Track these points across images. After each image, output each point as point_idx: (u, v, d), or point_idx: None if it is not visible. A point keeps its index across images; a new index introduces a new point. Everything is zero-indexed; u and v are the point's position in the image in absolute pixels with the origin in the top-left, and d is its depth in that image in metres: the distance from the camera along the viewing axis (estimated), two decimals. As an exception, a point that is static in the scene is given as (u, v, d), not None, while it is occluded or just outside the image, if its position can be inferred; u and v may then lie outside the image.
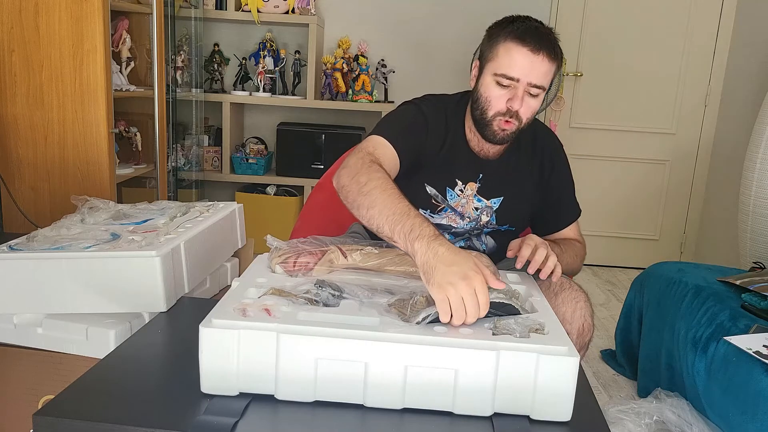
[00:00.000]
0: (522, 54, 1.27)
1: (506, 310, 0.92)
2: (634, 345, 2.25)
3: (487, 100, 1.33)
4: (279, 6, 3.20)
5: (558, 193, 1.51)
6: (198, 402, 0.79)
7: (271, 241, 1.07)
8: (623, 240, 3.67)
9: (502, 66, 1.29)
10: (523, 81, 1.28)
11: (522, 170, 1.47)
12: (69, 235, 1.22)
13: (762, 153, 2.39)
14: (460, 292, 0.88)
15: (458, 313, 0.88)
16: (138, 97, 2.45)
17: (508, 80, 1.28)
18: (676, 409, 1.74)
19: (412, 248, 0.99)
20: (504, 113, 1.31)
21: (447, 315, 0.88)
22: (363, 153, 1.25)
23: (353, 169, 1.19)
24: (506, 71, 1.28)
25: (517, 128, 1.34)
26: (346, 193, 1.17)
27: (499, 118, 1.32)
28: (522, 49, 1.27)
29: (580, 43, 3.49)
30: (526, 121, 1.34)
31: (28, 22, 1.95)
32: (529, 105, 1.32)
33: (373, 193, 1.11)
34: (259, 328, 0.79)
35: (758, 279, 1.91)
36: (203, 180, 3.36)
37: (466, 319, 0.89)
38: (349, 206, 1.16)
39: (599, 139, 3.59)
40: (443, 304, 0.88)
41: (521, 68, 1.27)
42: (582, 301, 1.33)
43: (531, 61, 1.27)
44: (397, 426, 0.78)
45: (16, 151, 2.01)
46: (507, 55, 1.28)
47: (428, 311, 0.89)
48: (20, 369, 1.15)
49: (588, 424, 0.81)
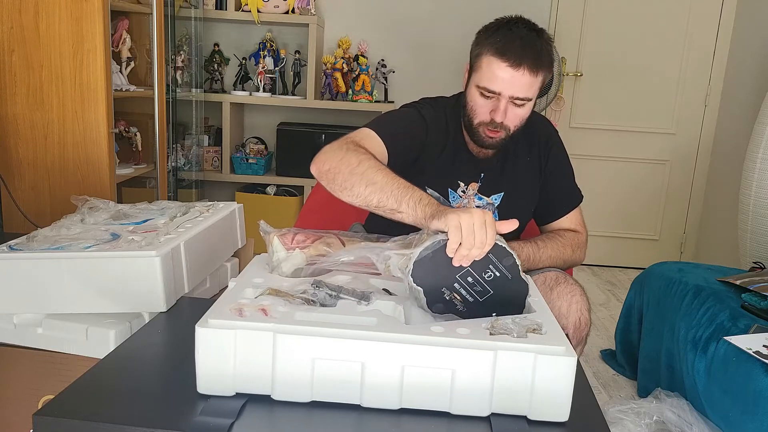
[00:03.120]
0: (501, 69, 1.27)
1: (501, 253, 0.95)
2: (634, 345, 2.25)
3: (472, 109, 1.35)
4: (279, 6, 3.20)
5: (555, 180, 1.50)
6: (195, 402, 0.79)
7: (264, 227, 1.07)
8: (623, 240, 3.67)
9: (483, 79, 1.30)
10: (504, 94, 1.29)
11: (520, 163, 1.47)
12: (69, 235, 1.22)
13: (762, 153, 2.39)
14: (474, 218, 0.93)
15: (468, 240, 0.91)
16: (138, 97, 2.45)
17: (489, 93, 1.30)
18: (676, 409, 1.74)
19: (423, 212, 1.02)
20: (488, 123, 1.33)
21: (457, 242, 0.92)
22: (348, 140, 1.24)
23: (338, 153, 1.18)
24: (487, 85, 1.30)
25: (506, 135, 1.35)
26: (333, 175, 1.16)
27: (484, 127, 1.33)
28: (501, 65, 1.27)
29: (580, 43, 3.49)
30: (514, 129, 1.35)
31: (28, 22, 1.95)
32: (516, 114, 1.32)
33: (369, 173, 1.12)
34: (256, 329, 0.79)
35: (758, 279, 1.91)
36: (203, 180, 3.36)
37: (472, 250, 0.91)
38: (338, 188, 1.15)
39: (599, 139, 3.59)
40: (455, 231, 0.92)
41: (501, 82, 1.28)
42: (578, 295, 1.33)
43: (511, 75, 1.27)
44: (394, 426, 0.78)
45: (16, 151, 2.01)
46: (488, 68, 1.29)
47: (433, 239, 0.92)
48: (20, 369, 1.15)
49: (588, 424, 0.81)
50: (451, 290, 0.94)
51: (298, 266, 1.01)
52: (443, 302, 0.94)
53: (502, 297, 0.95)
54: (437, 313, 0.94)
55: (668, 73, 3.50)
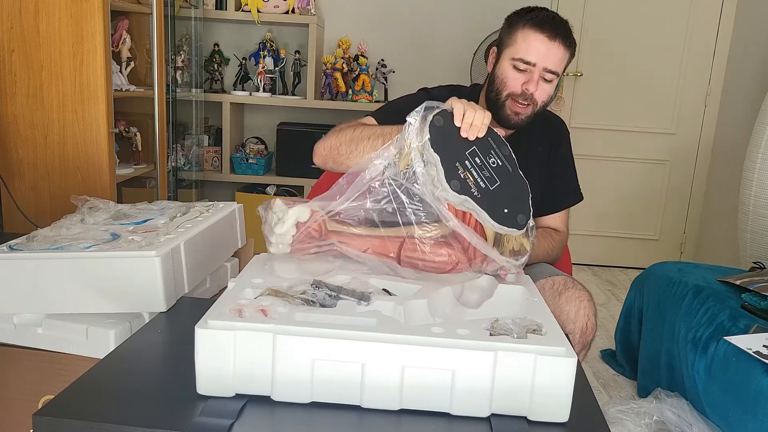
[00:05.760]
0: (539, 40, 1.35)
1: (499, 141, 1.06)
2: (634, 345, 2.25)
3: (503, 82, 1.39)
4: (279, 6, 3.20)
5: (557, 175, 1.54)
6: (195, 403, 0.79)
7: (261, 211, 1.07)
8: (623, 240, 3.67)
9: (520, 51, 1.36)
10: (539, 66, 1.35)
11: (532, 150, 1.49)
12: (69, 235, 1.22)
13: (762, 153, 2.39)
14: (473, 107, 1.09)
15: (470, 110, 1.07)
16: (138, 97, 2.45)
17: (524, 64, 1.36)
18: (676, 409, 1.74)
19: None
20: (518, 95, 1.38)
21: (462, 109, 1.06)
22: (345, 124, 1.32)
23: (334, 133, 1.27)
24: (523, 56, 1.35)
25: (532, 112, 1.41)
26: (336, 149, 1.23)
27: (512, 100, 1.39)
28: (539, 36, 1.35)
29: (580, 43, 3.48)
30: (541, 105, 1.41)
31: (28, 22, 1.95)
32: (544, 89, 1.38)
33: (366, 130, 1.21)
34: (256, 329, 0.79)
35: (758, 279, 1.91)
36: (203, 180, 3.36)
37: (475, 119, 1.06)
38: (344, 158, 1.22)
39: (599, 139, 3.59)
40: (457, 103, 1.07)
41: (537, 53, 1.35)
42: (585, 300, 1.34)
43: (547, 47, 1.34)
44: (394, 427, 0.78)
45: (16, 151, 2.01)
46: (525, 41, 1.36)
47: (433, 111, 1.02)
48: (20, 369, 1.15)
49: (588, 425, 0.81)
50: (464, 168, 0.98)
51: (301, 219, 1.02)
52: (459, 180, 0.97)
53: (508, 191, 1.02)
54: (455, 191, 0.96)
55: (668, 73, 3.50)
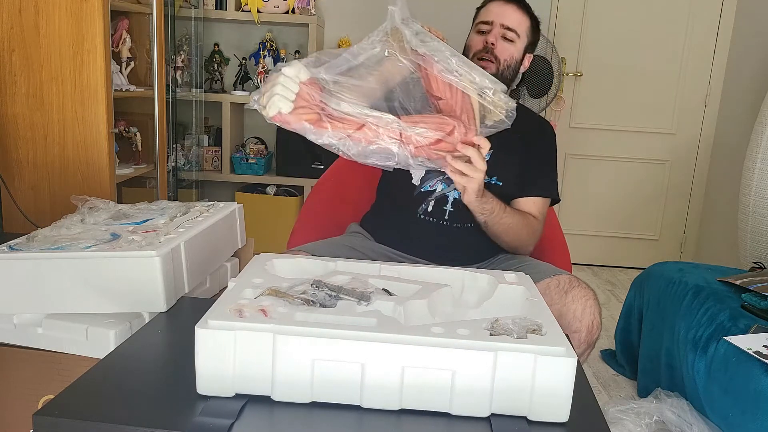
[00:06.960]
0: (495, 5, 1.55)
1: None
2: (634, 345, 2.25)
3: (469, 47, 1.57)
4: (279, 6, 3.20)
5: (535, 161, 1.57)
6: (195, 403, 0.79)
7: None
8: (623, 240, 3.67)
9: (480, 16, 1.58)
10: (496, 23, 1.52)
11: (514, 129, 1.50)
12: (69, 235, 1.22)
13: (762, 153, 2.39)
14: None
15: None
16: (138, 97, 2.45)
17: (484, 25, 1.54)
18: (676, 409, 1.74)
19: None
20: (481, 51, 1.53)
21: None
22: None
23: None
24: (482, 18, 1.56)
25: (497, 69, 1.51)
26: None
27: (477, 59, 1.51)
28: (496, 2, 1.55)
29: (580, 43, 3.49)
30: (504, 63, 1.52)
31: (28, 22, 1.95)
32: (505, 47, 1.53)
33: None
34: (256, 329, 0.79)
35: (758, 279, 1.91)
36: (203, 180, 3.36)
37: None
38: None
39: (599, 139, 3.59)
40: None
41: (494, 13, 1.54)
42: (591, 299, 1.36)
43: (503, 8, 1.54)
44: (394, 427, 0.78)
45: (16, 151, 2.01)
46: (484, 9, 1.58)
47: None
48: (20, 369, 1.15)
49: (588, 425, 0.81)
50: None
51: (302, 78, 1.09)
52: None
53: None
54: None
55: (668, 73, 3.50)
